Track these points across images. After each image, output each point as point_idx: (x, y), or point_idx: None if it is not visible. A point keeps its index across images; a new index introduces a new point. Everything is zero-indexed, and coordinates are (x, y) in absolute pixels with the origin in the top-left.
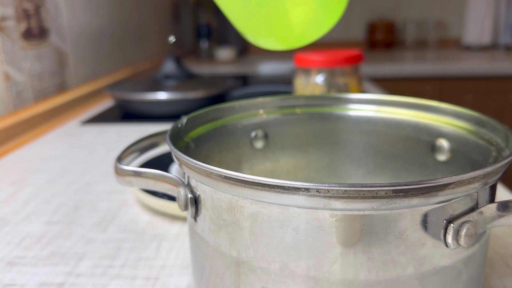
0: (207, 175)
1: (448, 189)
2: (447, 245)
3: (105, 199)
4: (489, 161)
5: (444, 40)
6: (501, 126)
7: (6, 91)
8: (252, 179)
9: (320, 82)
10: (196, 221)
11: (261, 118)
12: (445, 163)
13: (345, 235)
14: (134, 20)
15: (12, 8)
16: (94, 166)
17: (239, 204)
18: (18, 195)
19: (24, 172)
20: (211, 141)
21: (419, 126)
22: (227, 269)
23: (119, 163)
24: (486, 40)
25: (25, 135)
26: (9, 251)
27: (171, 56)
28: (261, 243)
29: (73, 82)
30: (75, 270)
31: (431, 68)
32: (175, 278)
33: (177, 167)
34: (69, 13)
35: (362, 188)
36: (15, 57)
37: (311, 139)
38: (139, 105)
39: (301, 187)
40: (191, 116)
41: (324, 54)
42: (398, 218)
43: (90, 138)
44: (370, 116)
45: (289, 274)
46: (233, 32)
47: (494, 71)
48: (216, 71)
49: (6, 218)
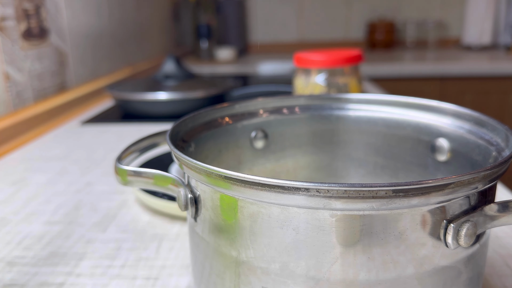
0: (207, 175)
1: (448, 189)
2: (447, 245)
3: (105, 199)
4: (489, 161)
5: (444, 40)
6: (501, 126)
7: (6, 91)
8: (252, 179)
9: (320, 82)
10: (196, 221)
11: (261, 118)
12: (445, 163)
13: (345, 235)
14: (134, 20)
15: (12, 8)
16: (94, 166)
17: (239, 204)
18: (18, 195)
19: (24, 172)
20: (211, 141)
21: (419, 126)
22: (227, 269)
23: (119, 163)
24: (486, 40)
25: (25, 135)
26: (9, 251)
27: (171, 56)
28: (261, 243)
29: (73, 82)
30: (75, 270)
31: (431, 68)
32: (175, 278)
33: (177, 167)
34: (69, 13)
35: (362, 188)
36: (15, 57)
37: (311, 139)
38: (139, 105)
39: (301, 187)
40: (191, 116)
41: (324, 54)
42: (398, 218)
43: (90, 138)
44: (370, 116)
45: (289, 274)
46: (233, 32)
47: (494, 71)
48: (216, 71)
49: (6, 218)
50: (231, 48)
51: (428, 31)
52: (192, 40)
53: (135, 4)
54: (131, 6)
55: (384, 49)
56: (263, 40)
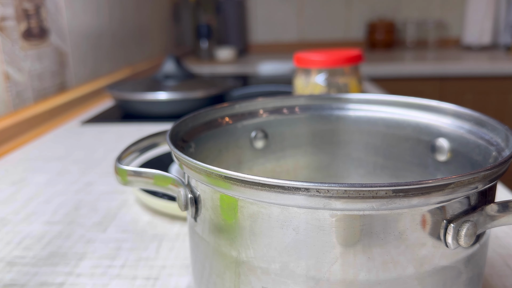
0: (207, 175)
1: (448, 189)
2: (447, 245)
3: (105, 199)
4: (489, 161)
5: (444, 40)
6: (501, 126)
7: (6, 91)
8: (252, 179)
9: (320, 82)
10: (196, 221)
11: (261, 118)
12: (445, 163)
13: (345, 235)
14: (134, 20)
15: (12, 8)
16: (94, 166)
17: (239, 204)
18: (18, 195)
19: (24, 172)
20: (211, 141)
21: (419, 126)
22: (227, 269)
23: (119, 163)
24: (486, 40)
25: (25, 135)
26: (9, 251)
27: (171, 56)
28: (261, 243)
29: (73, 82)
30: (75, 270)
31: (431, 68)
32: (175, 278)
33: (177, 167)
34: (69, 13)
35: (362, 188)
36: (15, 57)
37: (311, 139)
38: (139, 105)
39: (301, 187)
40: (191, 116)
41: (324, 54)
42: (398, 218)
43: (90, 138)
44: (370, 116)
45: (289, 274)
46: (233, 32)
47: (494, 71)
48: (216, 71)
49: (6, 218)
50: (231, 48)
51: (428, 31)
52: (192, 40)
53: (135, 4)
54: (131, 6)
55: (384, 49)
56: (263, 40)
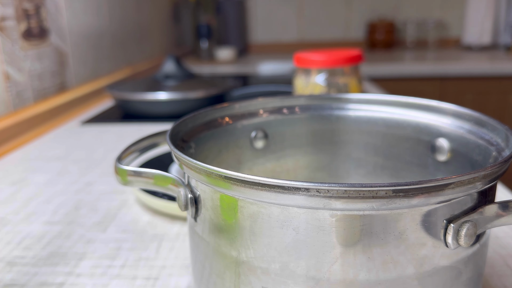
0: (207, 175)
1: (448, 189)
2: (447, 245)
3: (105, 199)
4: (489, 161)
5: (444, 40)
6: (501, 126)
7: (6, 91)
8: (252, 179)
9: (320, 82)
10: (196, 221)
11: (261, 118)
12: (445, 163)
13: (345, 235)
14: (134, 20)
15: (12, 8)
16: (94, 166)
17: (239, 204)
18: (18, 195)
19: (24, 172)
20: (211, 141)
21: (419, 126)
22: (227, 269)
23: (119, 163)
24: (486, 40)
25: (25, 135)
26: (9, 251)
27: (171, 56)
28: (261, 243)
29: (73, 82)
30: (75, 270)
31: (431, 68)
32: (175, 278)
33: (177, 167)
34: (69, 13)
35: (362, 188)
36: (15, 57)
37: (311, 139)
38: (139, 105)
39: (301, 187)
40: (191, 116)
41: (324, 54)
42: (398, 218)
43: (90, 138)
44: (370, 116)
45: (289, 274)
46: (233, 32)
47: (494, 71)
48: (216, 71)
49: (6, 218)
50: (231, 48)
51: (428, 31)
52: (192, 40)
53: (135, 4)
54: (131, 6)
55: (384, 49)
56: (263, 40)
